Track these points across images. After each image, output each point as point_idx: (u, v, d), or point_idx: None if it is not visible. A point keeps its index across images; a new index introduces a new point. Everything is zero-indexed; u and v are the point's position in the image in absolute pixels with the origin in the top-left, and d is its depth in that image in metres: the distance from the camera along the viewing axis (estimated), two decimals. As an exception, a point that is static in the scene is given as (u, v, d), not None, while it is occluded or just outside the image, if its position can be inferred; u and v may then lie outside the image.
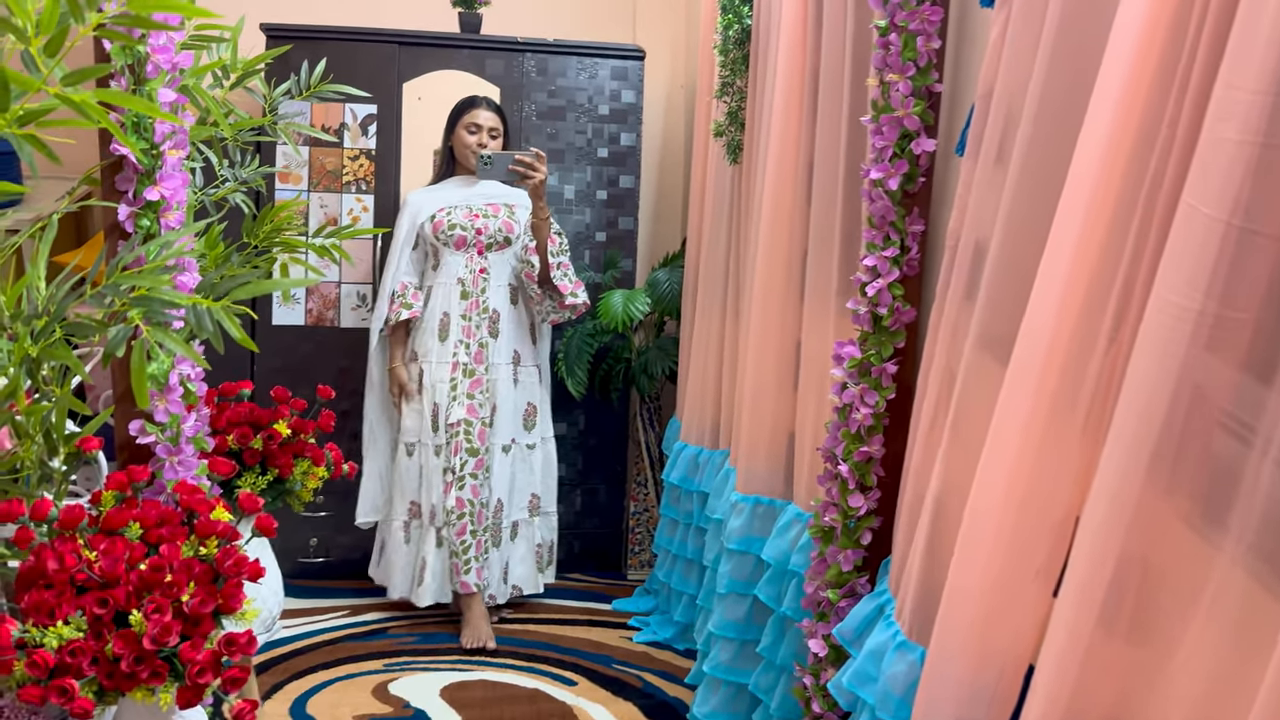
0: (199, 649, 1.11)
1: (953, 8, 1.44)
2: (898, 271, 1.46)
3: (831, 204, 1.79)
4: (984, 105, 1.26)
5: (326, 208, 3.33)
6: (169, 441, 1.35)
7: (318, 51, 3.27)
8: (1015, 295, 1.18)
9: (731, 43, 2.38)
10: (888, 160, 1.44)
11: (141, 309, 1.03)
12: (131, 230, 1.33)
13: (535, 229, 2.73)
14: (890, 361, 1.48)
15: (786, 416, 1.99)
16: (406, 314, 2.82)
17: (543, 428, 2.95)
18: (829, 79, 1.80)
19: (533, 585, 2.93)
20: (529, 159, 2.63)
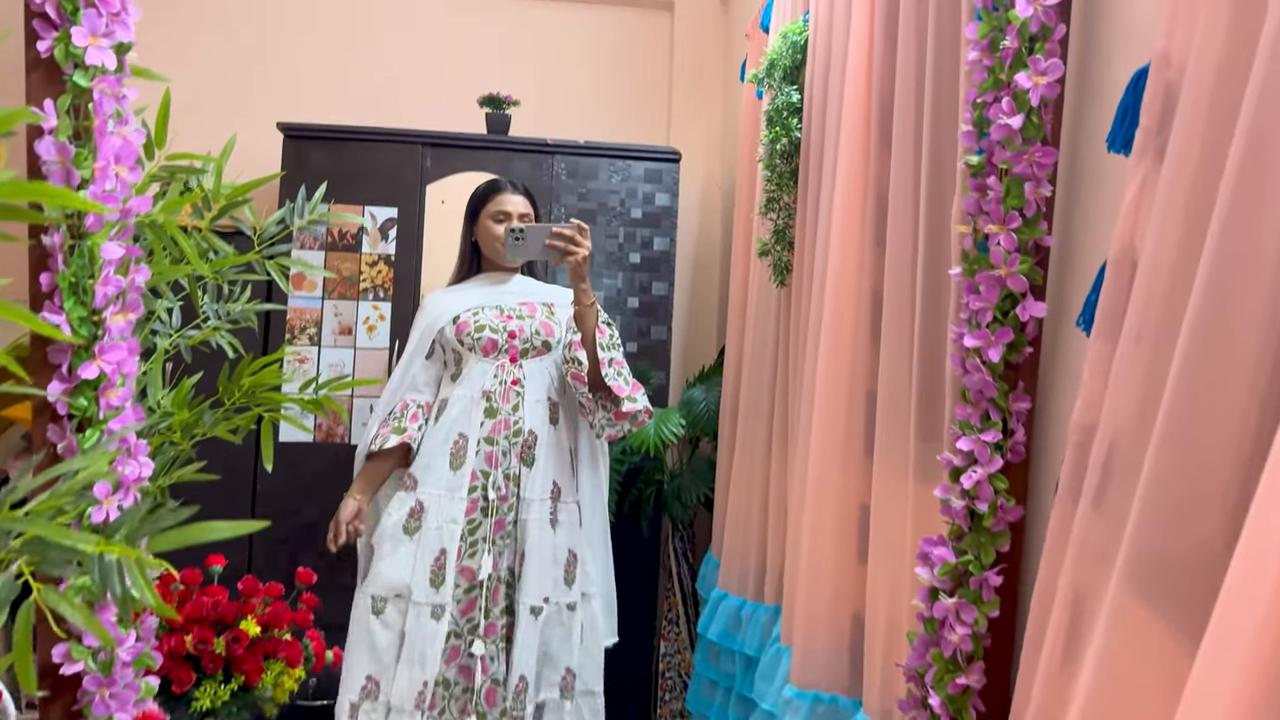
0: None
1: (1063, 144, 1.19)
2: (1000, 460, 1.19)
3: (904, 352, 1.53)
4: (1120, 272, 1.00)
5: (341, 315, 3.12)
6: (100, 670, 1.09)
7: (337, 152, 3.11)
8: (1180, 522, 0.91)
9: (779, 156, 2.15)
10: (986, 326, 1.18)
11: (33, 558, 0.78)
12: (64, 413, 1.09)
13: (579, 318, 2.15)
14: (993, 570, 1.19)
15: (851, 594, 1.70)
16: (395, 440, 2.19)
17: (584, 581, 2.24)
18: (899, 209, 1.55)
19: None
20: (569, 231, 2.11)
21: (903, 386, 1.53)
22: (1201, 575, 0.91)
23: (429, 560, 2.11)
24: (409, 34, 3.73)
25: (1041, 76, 1.11)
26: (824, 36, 2.00)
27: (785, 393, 2.20)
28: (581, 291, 2.14)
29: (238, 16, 3.67)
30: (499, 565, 2.14)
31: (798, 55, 2.15)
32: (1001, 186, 1.15)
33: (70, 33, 1.04)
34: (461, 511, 2.13)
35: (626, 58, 3.77)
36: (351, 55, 3.71)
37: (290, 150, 3.08)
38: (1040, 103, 1.12)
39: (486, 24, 3.74)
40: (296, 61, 3.69)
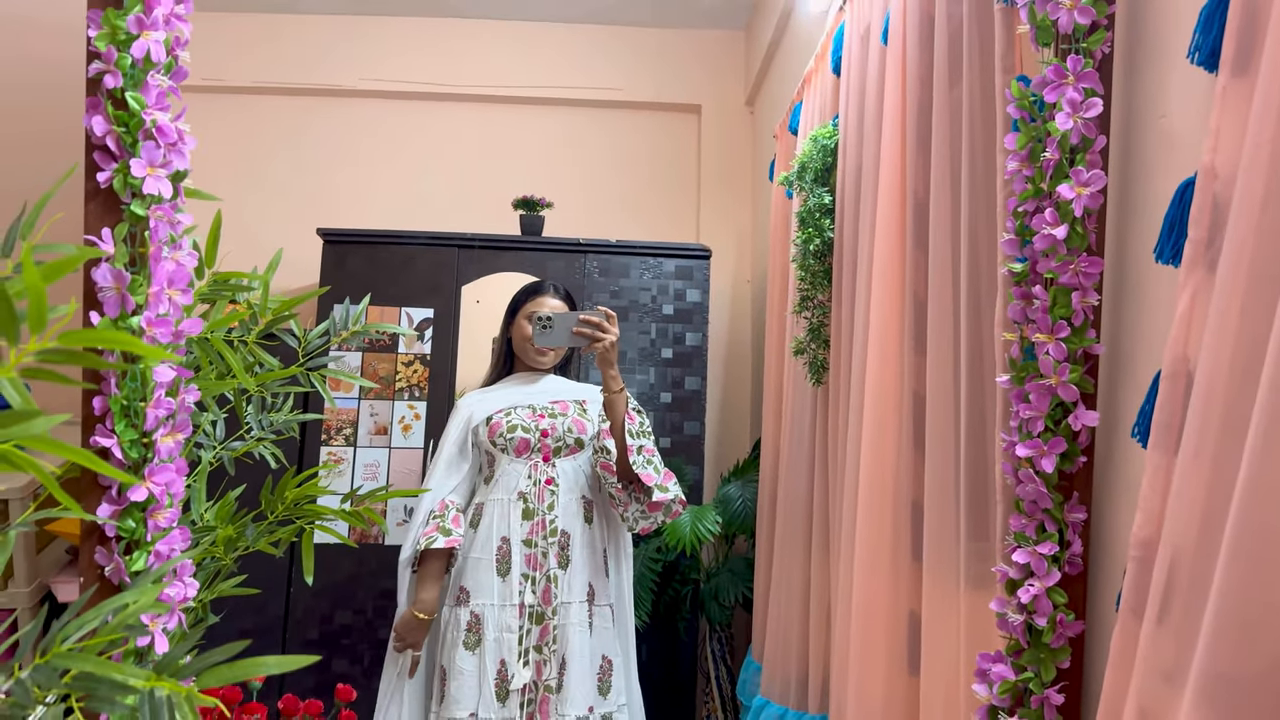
0: None
1: (1108, 254, 1.19)
2: (1058, 572, 1.15)
3: (949, 456, 1.51)
4: (1174, 386, 0.99)
5: (377, 415, 3.14)
6: (139, 801, 1.06)
7: (375, 256, 3.17)
8: (1250, 640, 0.87)
9: (812, 256, 2.16)
10: (1039, 435, 1.16)
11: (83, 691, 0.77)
12: (112, 535, 1.09)
13: (608, 405, 2.13)
14: (1054, 688, 1.15)
15: (902, 707, 1.64)
16: (442, 541, 2.14)
17: (617, 692, 2.17)
18: (938, 313, 1.55)
19: None
20: (596, 319, 2.11)
21: (950, 492, 1.50)
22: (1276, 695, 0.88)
23: (492, 675, 2.08)
24: (443, 140, 3.83)
25: (1084, 188, 1.11)
26: (854, 139, 2.03)
27: (825, 492, 2.17)
28: (610, 378, 2.13)
29: (278, 127, 3.80)
30: (544, 672, 2.09)
31: (828, 158, 2.18)
32: (1048, 296, 1.14)
33: (129, 164, 1.07)
34: (515, 619, 2.10)
35: (655, 158, 3.85)
36: (387, 162, 3.82)
37: (329, 255, 3.15)
38: (1084, 213, 1.12)
39: (518, 129, 3.84)
40: (334, 170, 3.79)
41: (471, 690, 2.07)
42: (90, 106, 1.07)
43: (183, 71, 1.14)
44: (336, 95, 3.81)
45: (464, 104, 3.84)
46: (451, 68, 3.80)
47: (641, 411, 2.20)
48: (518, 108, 3.84)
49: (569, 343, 2.16)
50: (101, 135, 1.06)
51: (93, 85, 1.08)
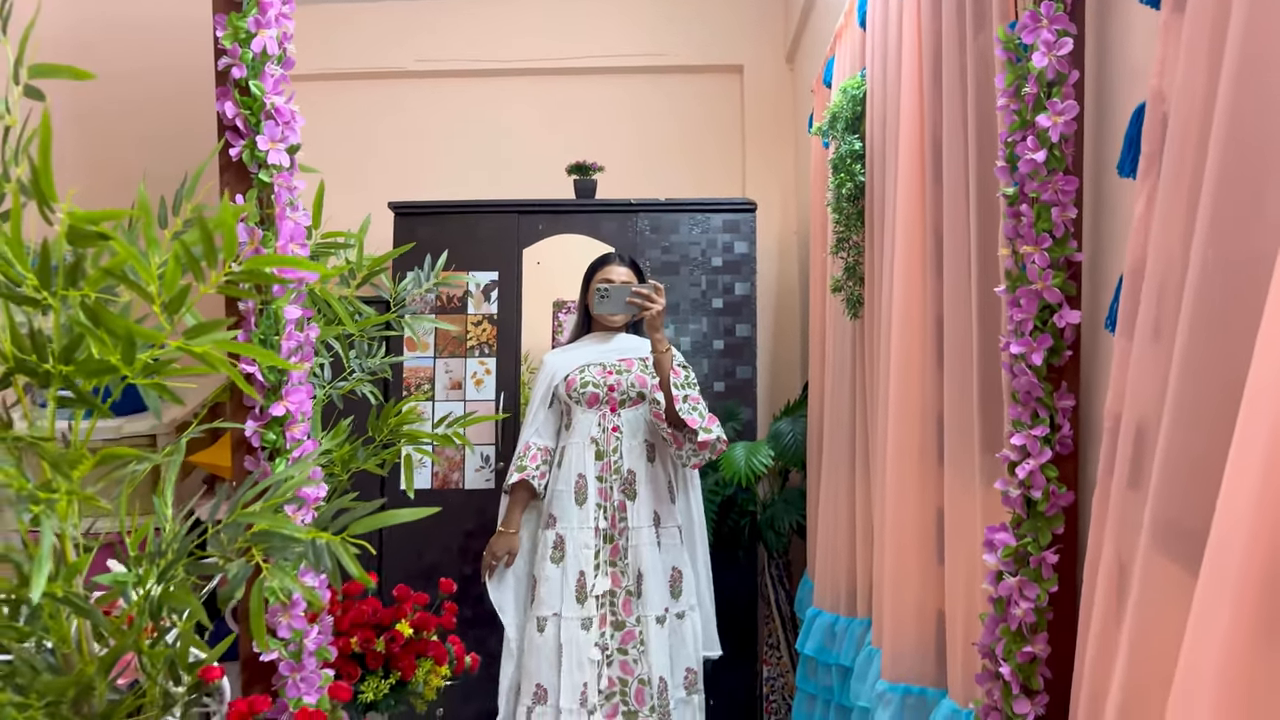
0: None
1: (1086, 173, 1.36)
2: (1050, 451, 1.34)
3: (966, 367, 1.69)
4: (1134, 280, 1.16)
5: (451, 372, 3.39)
6: (291, 657, 1.32)
7: (443, 224, 3.42)
8: (1193, 486, 1.05)
9: (845, 200, 2.34)
10: (1029, 334, 1.34)
11: (262, 546, 1.02)
12: (258, 445, 1.34)
13: (657, 364, 2.54)
14: (1050, 550, 1.34)
15: (933, 593, 1.84)
16: (516, 477, 2.65)
17: (688, 594, 2.66)
18: (953, 240, 1.73)
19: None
20: (646, 290, 2.50)
21: (967, 400, 1.68)
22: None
23: (573, 583, 2.56)
24: (497, 114, 4.06)
25: (1059, 116, 1.29)
26: (879, 89, 2.19)
27: (864, 416, 2.36)
28: (656, 340, 2.54)
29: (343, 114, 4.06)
30: (620, 582, 2.55)
31: (857, 107, 2.35)
32: (1033, 212, 1.32)
33: (255, 140, 1.30)
34: (591, 539, 2.59)
35: (701, 118, 4.02)
36: (447, 138, 4.05)
37: (400, 226, 3.40)
38: (1060, 138, 1.29)
39: (568, 98, 4.05)
40: (399, 148, 4.05)
41: (555, 594, 2.56)
42: (220, 94, 1.31)
43: (290, 61, 1.37)
44: (396, 78, 4.05)
45: (515, 78, 4.05)
46: (500, 45, 4.01)
47: (687, 366, 2.63)
48: (567, 79, 4.04)
49: (623, 311, 2.60)
50: (231, 117, 1.29)
51: (221, 77, 1.32)
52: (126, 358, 0.90)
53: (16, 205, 0.89)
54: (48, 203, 0.87)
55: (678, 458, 2.60)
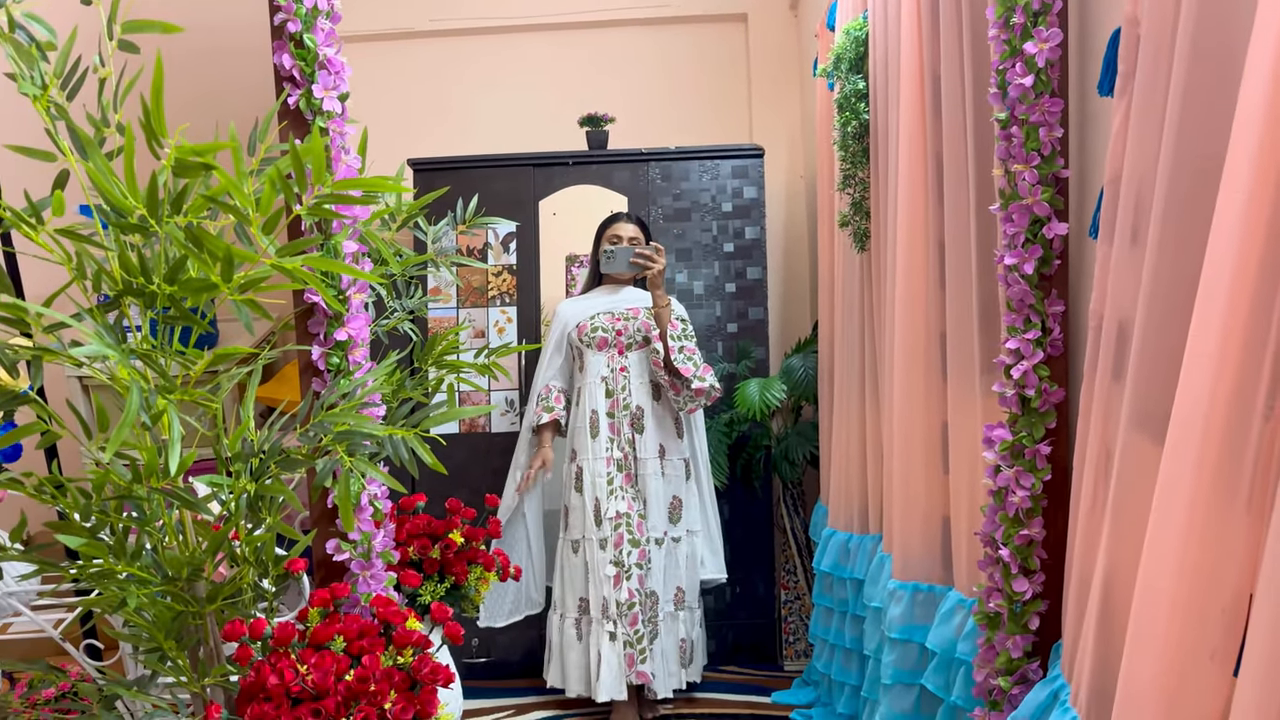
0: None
1: (1072, 95, 1.48)
2: (1042, 353, 1.47)
3: (966, 285, 1.82)
4: (1113, 190, 1.29)
5: (474, 321, 3.53)
6: (361, 557, 1.48)
7: (460, 179, 3.54)
8: (1164, 373, 1.19)
9: (850, 138, 2.45)
10: (1021, 246, 1.47)
11: (344, 442, 1.16)
12: (324, 368, 1.48)
13: (657, 317, 2.84)
14: (1043, 443, 1.48)
15: (939, 499, 1.99)
16: (547, 417, 2.96)
17: (689, 520, 2.98)
18: (953, 166, 1.84)
19: (677, 680, 2.91)
20: (648, 251, 2.81)
21: (967, 316, 1.81)
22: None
23: (591, 508, 2.86)
24: (510, 69, 4.15)
25: (1045, 43, 1.40)
26: (881, 29, 2.30)
27: (874, 346, 2.49)
28: (657, 296, 2.84)
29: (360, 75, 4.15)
30: (633, 507, 2.84)
31: (860, 48, 2.45)
32: (1022, 134, 1.44)
33: (311, 89, 1.43)
34: (604, 468, 2.88)
35: (707, 66, 4.11)
36: (462, 95, 4.16)
37: (420, 182, 3.52)
38: (1046, 64, 1.41)
39: (579, 51, 4.14)
40: (417, 106, 4.15)
41: (579, 519, 2.89)
42: (277, 47, 1.43)
43: (338, 16, 1.49)
44: (411, 38, 4.15)
45: (525, 34, 4.14)
46: (510, 2, 4.10)
47: (685, 320, 2.94)
48: (576, 32, 4.13)
49: (626, 269, 2.90)
50: (289, 68, 1.42)
51: (277, 31, 1.44)
52: (226, 275, 1.04)
53: (130, 141, 1.02)
54: (157, 138, 1.01)
55: (675, 403, 2.92)
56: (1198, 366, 1.05)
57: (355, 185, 0.98)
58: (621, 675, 2.75)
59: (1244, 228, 0.99)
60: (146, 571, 1.12)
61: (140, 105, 1.08)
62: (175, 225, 1.06)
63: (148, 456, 1.12)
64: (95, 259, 1.13)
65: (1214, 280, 1.04)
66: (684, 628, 2.93)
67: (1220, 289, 1.03)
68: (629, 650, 2.76)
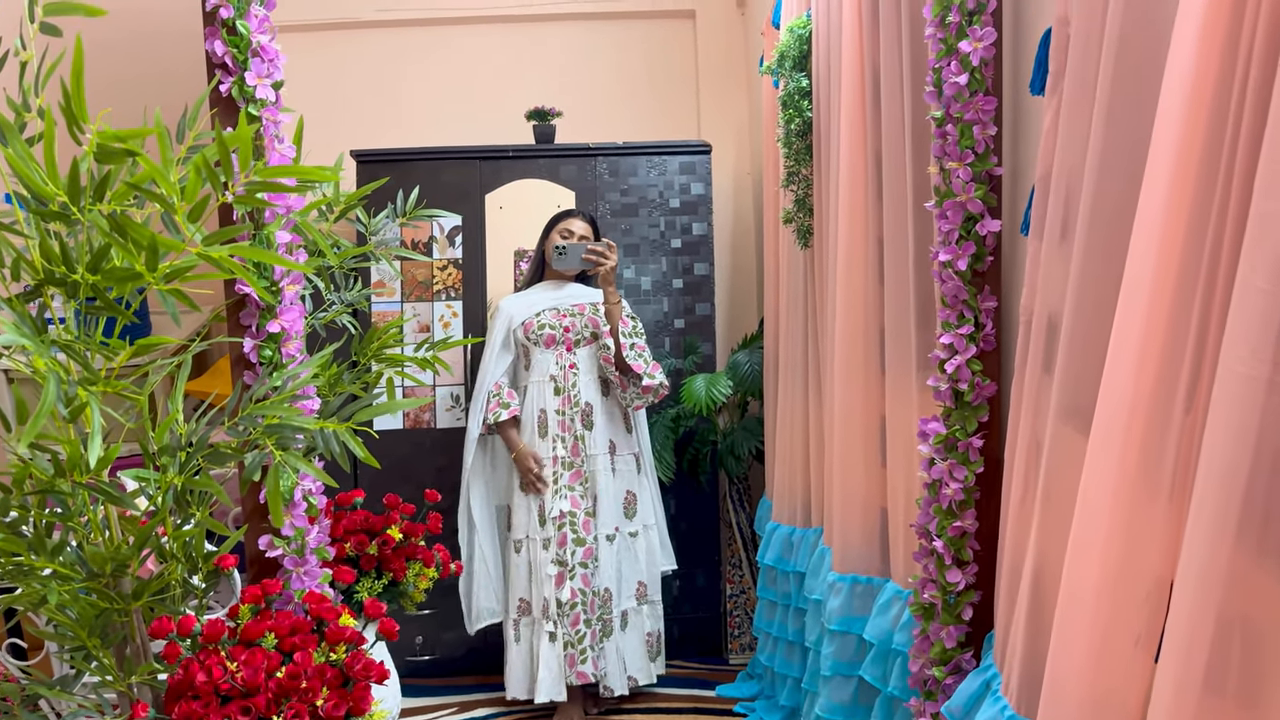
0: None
1: (1006, 95, 1.51)
2: (974, 348, 1.50)
3: (904, 282, 1.84)
4: (1043, 187, 1.31)
5: (419, 316, 3.50)
6: (295, 554, 1.45)
7: (405, 171, 3.50)
8: (1091, 367, 1.21)
9: (794, 135, 2.47)
10: (955, 243, 1.49)
11: (274, 436, 1.14)
12: (256, 361, 1.46)
13: (607, 314, 2.84)
14: (975, 436, 1.50)
15: (877, 492, 2.01)
16: (506, 414, 2.89)
17: (644, 515, 2.96)
18: (891, 165, 1.87)
19: (646, 675, 2.92)
20: (600, 248, 2.80)
21: (904, 311, 1.83)
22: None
23: (535, 507, 2.84)
24: (456, 62, 4.12)
25: (979, 42, 1.43)
26: (824, 27, 2.32)
27: (818, 341, 2.52)
28: (608, 292, 2.84)
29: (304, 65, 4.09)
30: (579, 504, 2.79)
31: (804, 46, 2.47)
32: (956, 131, 1.46)
33: (244, 76, 1.40)
34: (549, 468, 2.84)
35: (655, 63, 4.12)
36: (407, 86, 4.11)
37: (364, 174, 3.47)
38: (980, 62, 1.43)
39: (526, 45, 4.12)
40: (360, 98, 4.10)
41: (524, 519, 2.86)
42: (209, 33, 1.40)
43: (272, 3, 1.46)
44: (358, 28, 4.09)
45: (474, 26, 4.11)
46: (458, -7, 4.07)
47: (635, 317, 2.92)
48: (524, 25, 4.11)
49: (579, 266, 2.87)
50: (221, 55, 1.39)
51: (210, 16, 1.41)
52: (150, 264, 1.02)
53: (50, 127, 0.99)
54: (78, 123, 0.98)
55: (622, 399, 2.90)
56: (1121, 361, 1.08)
57: (286, 173, 0.96)
58: (561, 676, 2.74)
59: (1164, 225, 1.02)
60: (70, 568, 1.10)
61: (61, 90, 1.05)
62: (99, 213, 1.03)
63: (70, 450, 1.10)
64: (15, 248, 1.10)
65: (1136, 277, 1.06)
66: (649, 621, 2.93)
67: (1142, 286, 1.05)
68: (569, 651, 2.74)
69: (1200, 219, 0.99)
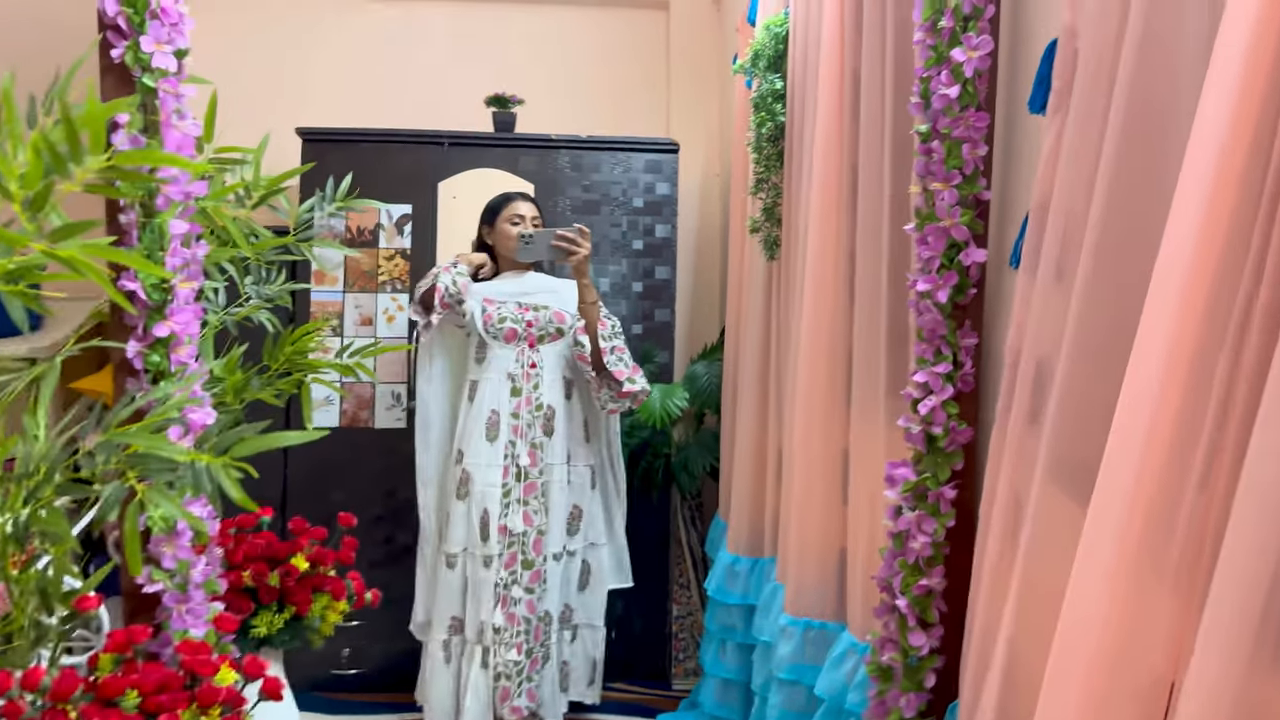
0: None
1: (999, 111, 1.36)
2: (951, 389, 1.35)
3: (875, 307, 1.70)
4: (1039, 217, 1.17)
5: (361, 308, 3.30)
6: (177, 589, 1.27)
7: (353, 154, 3.29)
8: (1088, 423, 1.07)
9: (765, 140, 2.32)
10: (935, 271, 1.34)
11: (138, 469, 0.96)
12: (140, 367, 1.27)
13: (584, 313, 2.58)
14: (948, 485, 1.36)
15: (836, 531, 1.87)
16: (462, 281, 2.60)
17: (589, 533, 2.68)
18: (868, 179, 1.72)
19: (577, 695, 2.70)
20: (572, 234, 2.52)
21: (875, 338, 1.69)
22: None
23: (477, 519, 2.54)
24: (416, 40, 3.91)
25: (974, 51, 1.28)
26: (802, 27, 2.17)
27: (779, 360, 2.37)
28: (584, 287, 2.58)
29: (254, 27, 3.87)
30: (532, 521, 2.53)
31: (780, 45, 2.32)
32: (943, 149, 1.31)
33: (139, 41, 1.22)
34: (498, 477, 2.55)
35: (625, 55, 3.94)
36: (362, 63, 3.90)
37: (309, 153, 3.27)
38: (974, 74, 1.29)
39: (490, 27, 3.92)
40: (311, 69, 3.87)
41: (461, 531, 2.57)
42: (100, -11, 1.22)
43: (178, -42, 1.28)
44: (310, -2, 3.87)
45: (434, 4, 3.91)
46: (422, -31, 3.86)
47: (612, 317, 2.67)
48: (488, 6, 3.92)
49: (548, 256, 2.57)
50: (113, 15, 1.20)
51: (100, -30, 1.22)
52: (-20, 262, 0.84)
53: None
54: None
55: (597, 400, 2.63)
56: (1129, 423, 0.93)
57: (146, 158, 0.78)
58: (490, 707, 2.51)
59: (1191, 268, 0.87)
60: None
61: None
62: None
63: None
64: None
65: (1152, 326, 0.92)
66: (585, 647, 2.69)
67: (1159, 337, 0.91)
68: (504, 683, 2.49)
69: (1234, 261, 0.85)
